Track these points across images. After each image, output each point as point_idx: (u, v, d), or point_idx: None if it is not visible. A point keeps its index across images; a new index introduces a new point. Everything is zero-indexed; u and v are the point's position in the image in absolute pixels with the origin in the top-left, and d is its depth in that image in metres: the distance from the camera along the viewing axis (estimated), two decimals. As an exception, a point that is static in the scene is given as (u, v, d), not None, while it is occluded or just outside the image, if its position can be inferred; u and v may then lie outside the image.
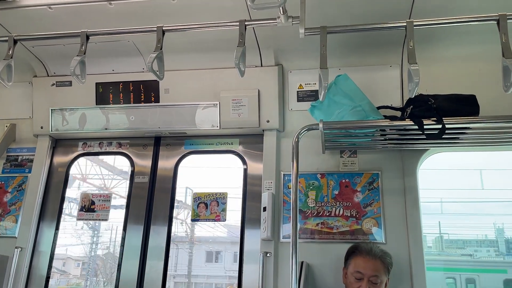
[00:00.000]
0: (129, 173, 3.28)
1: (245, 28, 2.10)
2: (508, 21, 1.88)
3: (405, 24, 1.98)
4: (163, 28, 2.19)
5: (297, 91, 3.05)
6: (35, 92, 3.36)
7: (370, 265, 2.30)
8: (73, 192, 3.43)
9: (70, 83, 3.30)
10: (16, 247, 3.04)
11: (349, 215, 2.74)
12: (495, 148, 2.80)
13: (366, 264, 2.31)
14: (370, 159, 2.84)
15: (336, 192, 2.80)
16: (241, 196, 3.05)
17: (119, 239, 3.12)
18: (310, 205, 2.80)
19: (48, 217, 3.24)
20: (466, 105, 2.37)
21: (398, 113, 2.58)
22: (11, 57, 2.28)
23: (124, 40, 2.97)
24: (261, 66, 3.05)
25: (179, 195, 3.24)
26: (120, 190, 3.52)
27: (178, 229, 4.53)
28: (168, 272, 3.00)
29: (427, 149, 2.76)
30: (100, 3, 2.62)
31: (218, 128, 3.05)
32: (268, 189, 2.84)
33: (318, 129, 2.40)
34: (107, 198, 3.22)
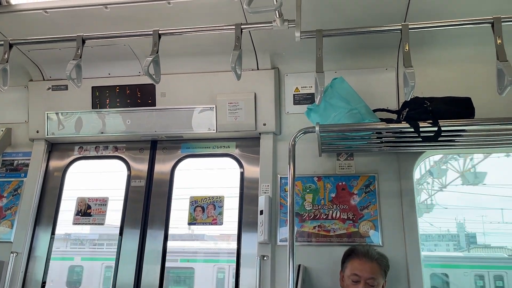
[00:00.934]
0: (126, 177, 3.27)
1: (241, 31, 2.11)
2: (503, 24, 1.89)
3: (400, 27, 1.99)
4: (159, 32, 2.19)
5: (294, 94, 3.05)
6: (31, 96, 3.35)
7: (367, 268, 2.30)
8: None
9: (66, 87, 3.29)
10: (11, 252, 3.02)
11: (346, 218, 2.74)
12: (490, 150, 2.81)
13: (362, 266, 2.31)
14: (367, 161, 2.85)
15: (333, 195, 2.80)
16: (237, 199, 3.05)
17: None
18: (307, 208, 2.80)
19: (44, 222, 3.22)
20: (461, 108, 2.37)
21: (394, 116, 2.58)
22: (7, 61, 2.27)
23: (120, 44, 2.97)
24: (258, 69, 3.06)
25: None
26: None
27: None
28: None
29: (423, 152, 2.77)
30: (96, 7, 2.62)
31: (215, 131, 3.05)
32: (265, 192, 2.84)
33: (315, 132, 2.40)
34: (103, 202, 3.21)
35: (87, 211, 3.20)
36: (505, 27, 1.89)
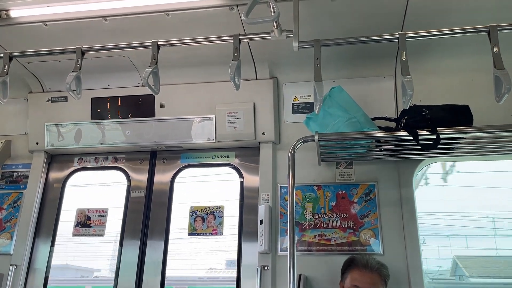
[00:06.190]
0: (125, 187, 3.27)
1: (240, 42, 2.12)
2: (499, 32, 1.91)
3: (397, 36, 2.00)
4: (158, 43, 2.21)
5: (292, 104, 3.06)
6: (31, 108, 3.36)
7: (367, 279, 2.28)
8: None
9: (65, 99, 3.30)
10: (11, 265, 3.00)
11: (346, 226, 2.73)
12: (489, 158, 2.81)
13: (362, 277, 2.29)
14: (366, 170, 2.84)
15: (333, 204, 2.80)
16: (237, 209, 3.04)
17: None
18: (307, 217, 2.80)
19: (43, 234, 3.21)
20: (460, 115, 2.38)
21: (393, 124, 2.58)
22: (7, 74, 2.29)
23: (119, 55, 2.98)
24: (256, 79, 3.07)
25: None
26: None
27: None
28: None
29: (423, 159, 2.77)
30: (95, 19, 2.64)
31: (214, 141, 3.05)
32: (264, 202, 2.84)
33: (314, 141, 2.41)
34: (103, 213, 3.20)
35: (86, 222, 3.19)
36: (501, 35, 1.91)
